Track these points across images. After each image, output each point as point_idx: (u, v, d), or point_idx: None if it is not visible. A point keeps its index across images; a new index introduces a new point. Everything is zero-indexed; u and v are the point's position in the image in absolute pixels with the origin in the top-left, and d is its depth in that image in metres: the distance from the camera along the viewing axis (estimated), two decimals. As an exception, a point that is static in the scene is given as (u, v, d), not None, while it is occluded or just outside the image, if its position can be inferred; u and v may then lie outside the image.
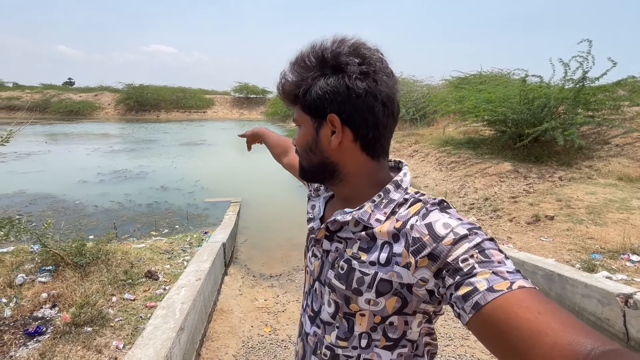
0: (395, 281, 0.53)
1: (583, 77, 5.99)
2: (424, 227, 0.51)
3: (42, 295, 2.18)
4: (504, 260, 0.46)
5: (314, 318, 0.66)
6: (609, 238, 3.06)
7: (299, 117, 0.61)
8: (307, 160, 0.63)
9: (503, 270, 0.44)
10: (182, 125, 23.19)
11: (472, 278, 0.44)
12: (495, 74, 11.65)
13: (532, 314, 0.38)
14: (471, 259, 0.46)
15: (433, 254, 0.49)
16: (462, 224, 0.50)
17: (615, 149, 6.05)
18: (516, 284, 0.42)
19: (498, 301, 0.41)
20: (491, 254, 0.46)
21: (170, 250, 3.35)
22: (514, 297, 0.41)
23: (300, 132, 0.62)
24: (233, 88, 34.90)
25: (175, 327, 1.76)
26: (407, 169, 0.63)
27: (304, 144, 0.62)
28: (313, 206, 0.72)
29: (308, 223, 0.70)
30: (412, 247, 0.51)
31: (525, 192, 5.12)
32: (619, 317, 1.86)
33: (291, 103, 0.62)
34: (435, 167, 7.61)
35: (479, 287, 0.43)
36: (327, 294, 0.62)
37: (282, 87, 0.61)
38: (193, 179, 7.79)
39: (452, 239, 0.48)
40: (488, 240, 0.48)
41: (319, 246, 0.65)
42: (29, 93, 30.86)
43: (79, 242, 2.57)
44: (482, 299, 0.42)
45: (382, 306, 0.55)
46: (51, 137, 15.65)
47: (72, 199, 6.11)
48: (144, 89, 30.84)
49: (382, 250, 0.54)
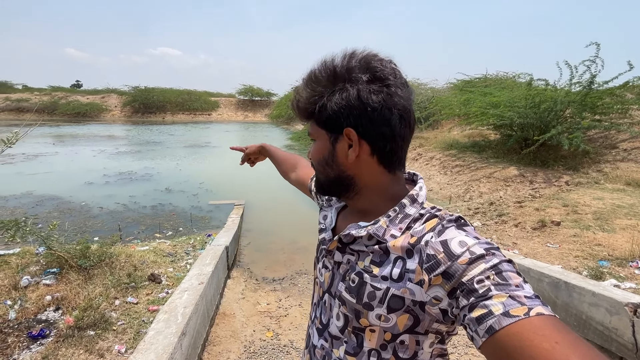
0: (408, 298, 0.51)
1: (591, 81, 5.92)
2: (439, 244, 0.50)
3: (46, 297, 2.20)
4: (522, 284, 0.44)
5: (322, 331, 0.65)
6: (617, 245, 3.01)
7: (314, 131, 0.62)
8: (323, 174, 0.63)
9: (521, 294, 0.42)
10: (187, 127, 23.36)
11: (487, 301, 0.43)
12: (500, 77, 11.59)
13: (549, 344, 0.37)
14: (487, 281, 0.44)
15: (447, 272, 0.48)
16: (479, 243, 0.49)
17: (623, 154, 5.96)
18: (534, 310, 0.41)
19: (514, 327, 0.39)
20: (509, 276, 0.45)
21: (173, 253, 3.36)
22: (531, 325, 0.39)
23: (316, 146, 0.62)
24: (238, 90, 35.12)
25: (177, 331, 1.76)
26: (422, 182, 0.62)
27: (320, 158, 0.62)
28: (325, 216, 0.72)
29: (320, 233, 0.70)
30: (426, 264, 0.50)
31: (531, 196, 5.06)
32: (627, 327, 1.82)
33: (306, 118, 0.62)
34: (440, 170, 7.57)
35: (494, 311, 0.42)
36: (336, 307, 0.61)
37: (297, 104, 0.61)
38: (197, 181, 7.83)
39: (467, 258, 0.47)
40: (506, 262, 0.47)
41: (330, 257, 0.64)
42: (37, 95, 31.29)
43: (83, 244, 2.58)
44: (497, 324, 0.41)
45: (393, 323, 0.53)
46: (58, 138, 15.84)
47: (78, 200, 6.17)
48: (150, 92, 31.14)
49: (395, 265, 0.54)
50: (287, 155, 1.12)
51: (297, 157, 1.09)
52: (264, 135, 19.59)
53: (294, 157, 1.10)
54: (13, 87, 34.15)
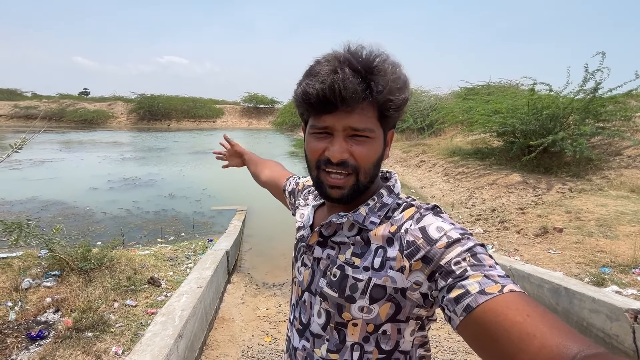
0: (390, 286, 0.52)
1: (595, 88, 5.92)
2: (417, 230, 0.52)
3: (46, 299, 2.22)
4: (494, 265, 0.47)
5: (302, 331, 0.64)
6: (619, 251, 2.98)
7: (372, 126, 0.54)
8: (370, 176, 0.58)
9: (494, 274, 0.45)
10: (192, 134, 23.58)
11: (464, 281, 0.45)
12: (503, 85, 11.61)
13: (521, 316, 0.39)
14: (464, 262, 0.46)
15: (427, 256, 0.49)
16: (455, 228, 0.51)
17: (627, 160, 5.92)
18: (507, 287, 0.43)
19: (489, 304, 0.41)
20: (483, 258, 0.47)
21: (174, 257, 3.38)
22: (505, 300, 0.41)
23: (372, 145, 0.55)
24: (242, 98, 35.49)
25: (173, 334, 1.77)
26: (396, 176, 0.64)
27: (376, 159, 0.57)
28: (302, 215, 0.72)
29: (298, 231, 0.70)
30: (407, 250, 0.51)
31: (533, 203, 5.02)
32: (628, 333, 1.80)
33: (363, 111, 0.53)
34: (443, 177, 7.55)
35: (470, 290, 0.43)
36: (317, 304, 0.61)
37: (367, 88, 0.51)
38: (201, 187, 7.88)
39: (445, 242, 0.49)
40: (479, 246, 0.49)
41: (309, 254, 0.64)
42: (46, 102, 31.88)
43: (84, 247, 2.61)
44: (474, 302, 0.42)
45: (375, 313, 0.54)
46: (65, 144, 16.07)
47: (82, 205, 6.23)
48: (156, 99, 31.58)
49: (376, 254, 0.55)
50: (260, 159, 1.14)
51: (270, 161, 1.11)
52: (267, 142, 19.71)
53: (267, 160, 1.12)
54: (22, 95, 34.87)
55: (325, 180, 0.57)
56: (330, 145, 0.54)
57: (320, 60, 0.54)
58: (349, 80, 0.49)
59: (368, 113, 0.53)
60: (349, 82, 0.49)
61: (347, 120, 0.52)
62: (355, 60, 0.51)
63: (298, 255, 0.69)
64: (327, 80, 0.50)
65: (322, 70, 0.51)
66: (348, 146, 0.54)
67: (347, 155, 0.54)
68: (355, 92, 0.50)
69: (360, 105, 0.52)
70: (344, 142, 0.54)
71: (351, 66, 0.51)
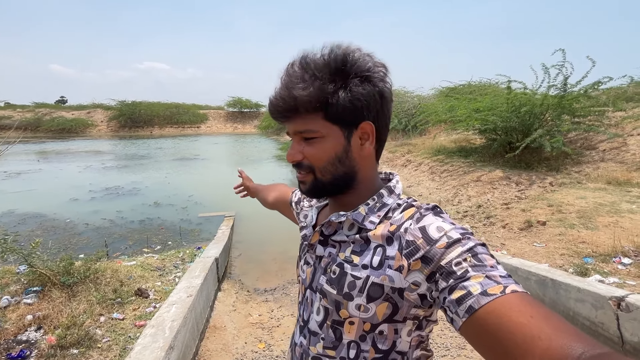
0: (387, 285, 0.52)
1: (564, 83, 6.15)
2: (417, 230, 0.52)
3: (27, 317, 2.12)
4: (496, 265, 0.46)
5: (302, 328, 0.65)
6: (600, 242, 3.09)
7: (319, 127, 0.56)
8: (331, 173, 0.58)
9: (496, 274, 0.44)
10: (176, 140, 23.17)
11: (465, 282, 0.44)
12: (483, 84, 11.90)
13: (525, 318, 0.38)
14: (464, 263, 0.46)
15: (426, 256, 0.49)
16: (455, 228, 0.50)
17: (603, 154, 6.16)
18: (509, 288, 0.42)
19: (492, 305, 0.41)
20: (484, 258, 0.47)
21: (161, 267, 3.30)
22: (507, 301, 0.41)
23: (323, 144, 0.57)
24: (227, 103, 35.17)
25: (164, 346, 1.72)
26: (398, 177, 0.65)
27: (332, 156, 0.57)
28: (305, 215, 0.74)
29: (301, 231, 0.72)
30: (406, 249, 0.51)
31: (517, 198, 5.16)
32: (612, 320, 1.86)
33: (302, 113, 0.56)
34: (429, 176, 7.67)
35: (472, 291, 0.43)
36: (317, 301, 0.62)
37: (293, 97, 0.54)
38: (186, 194, 7.73)
39: (445, 242, 0.48)
40: (480, 245, 0.49)
41: (312, 252, 0.65)
42: (20, 112, 30.70)
43: (66, 261, 2.51)
44: (476, 303, 0.42)
45: (372, 312, 0.54)
46: (42, 155, 15.51)
47: (63, 217, 6.01)
48: (137, 106, 30.91)
49: (375, 253, 0.55)
50: (265, 185, 1.17)
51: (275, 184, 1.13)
52: (253, 146, 19.56)
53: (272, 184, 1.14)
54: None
55: (297, 177, 0.62)
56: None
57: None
58: (281, 97, 0.55)
59: (310, 115, 0.55)
60: (280, 100, 0.55)
61: (292, 126, 0.58)
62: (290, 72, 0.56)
63: (302, 254, 0.70)
64: (272, 98, 0.57)
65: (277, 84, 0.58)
66: (301, 148, 0.58)
67: (300, 156, 0.58)
68: (286, 107, 0.55)
69: (298, 112, 0.55)
70: (297, 145, 0.58)
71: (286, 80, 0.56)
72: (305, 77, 0.54)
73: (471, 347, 2.27)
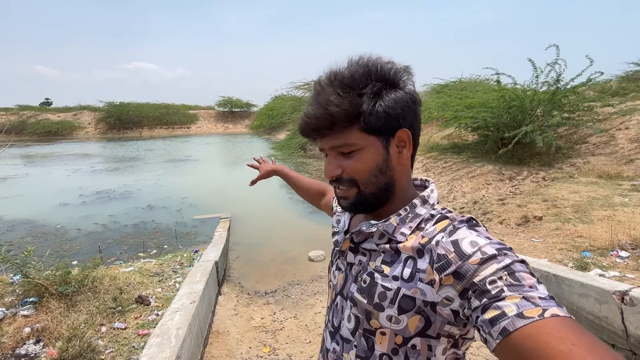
0: (419, 298, 0.51)
1: (557, 80, 6.25)
2: (449, 244, 0.50)
3: (24, 329, 2.05)
4: (535, 284, 0.44)
5: (334, 334, 0.64)
6: (596, 235, 3.14)
7: (356, 140, 0.55)
8: (375, 185, 0.57)
9: (535, 295, 0.42)
10: (166, 141, 22.84)
11: (500, 302, 0.42)
12: (474, 80, 12.02)
13: (565, 346, 0.36)
14: (500, 282, 0.44)
15: (458, 272, 0.47)
16: (491, 243, 0.48)
17: (593, 148, 6.28)
18: (549, 311, 0.40)
19: (528, 329, 0.39)
20: (522, 277, 0.44)
21: (160, 272, 3.24)
22: (546, 326, 0.38)
23: (363, 156, 0.56)
24: (217, 102, 34.77)
25: (171, 355, 1.68)
26: (434, 186, 0.63)
27: (374, 168, 0.56)
28: (338, 220, 0.73)
29: (333, 236, 0.72)
30: (437, 264, 0.50)
31: (512, 193, 5.23)
32: (616, 315, 1.89)
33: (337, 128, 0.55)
34: (423, 173, 7.71)
35: (507, 312, 0.41)
36: (348, 309, 0.61)
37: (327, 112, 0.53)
38: (180, 196, 7.63)
39: (479, 259, 0.47)
40: (519, 263, 0.46)
41: (343, 258, 0.65)
42: (3, 115, 29.83)
43: (63, 269, 2.44)
44: (511, 325, 0.40)
45: (404, 325, 0.53)
46: (28, 158, 15.11)
47: (53, 223, 5.87)
48: (125, 107, 30.31)
49: (406, 265, 0.54)
50: (310, 182, 1.13)
51: (322, 183, 1.09)
52: (246, 146, 19.41)
53: (318, 183, 1.11)
54: (-24, 108, 32.40)
55: (336, 193, 0.61)
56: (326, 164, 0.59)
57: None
58: (315, 116, 0.55)
59: (346, 130, 0.55)
60: (314, 118, 0.55)
61: (329, 142, 0.57)
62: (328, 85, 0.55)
63: (334, 259, 0.69)
64: (304, 117, 0.57)
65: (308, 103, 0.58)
66: (339, 162, 0.57)
67: (339, 171, 0.57)
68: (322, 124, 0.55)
69: (334, 128, 0.55)
70: (334, 160, 0.58)
71: (317, 98, 0.56)
72: (337, 93, 0.54)
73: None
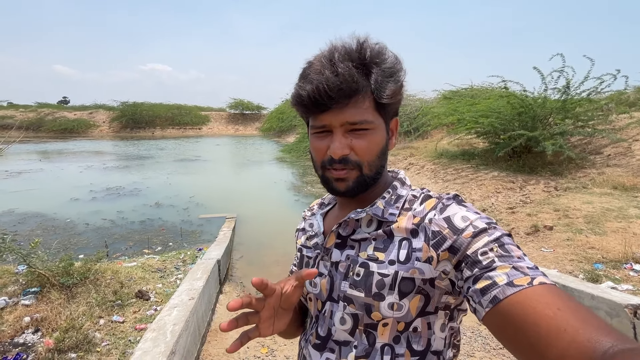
0: (418, 278, 0.51)
1: (567, 86, 6.13)
2: (442, 220, 0.51)
3: (24, 319, 2.07)
4: (523, 256, 0.45)
5: (322, 345, 0.59)
6: (609, 247, 3.03)
7: (374, 118, 0.54)
8: (375, 167, 0.57)
9: (523, 265, 0.43)
10: (177, 141, 23.17)
11: (491, 272, 0.44)
12: (485, 88, 11.88)
13: (551, 310, 0.38)
14: (491, 253, 0.45)
15: (453, 246, 0.48)
16: (481, 217, 0.50)
17: (607, 159, 6.11)
18: (537, 279, 0.41)
19: (517, 296, 0.40)
20: (511, 249, 0.46)
21: (162, 269, 3.25)
22: (534, 293, 0.40)
23: (375, 136, 0.55)
24: (228, 104, 35.19)
25: (165, 351, 1.66)
26: (403, 172, 0.65)
27: (380, 149, 0.56)
28: (311, 224, 0.69)
29: (309, 240, 0.67)
30: (432, 240, 0.51)
31: (522, 202, 5.10)
32: (628, 329, 1.80)
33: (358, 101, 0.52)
34: (431, 178, 7.62)
35: (498, 282, 0.42)
36: (339, 311, 0.58)
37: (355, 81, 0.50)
38: (187, 195, 7.69)
39: (471, 232, 0.48)
40: (507, 236, 0.48)
41: (327, 258, 0.61)
42: (22, 112, 30.76)
43: (66, 261, 2.46)
44: (501, 293, 0.41)
45: (406, 309, 0.53)
46: (44, 155, 15.49)
47: (63, 217, 5.97)
48: (139, 107, 30.93)
49: (401, 247, 0.53)
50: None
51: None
52: (255, 148, 19.54)
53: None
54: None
55: (331, 175, 0.57)
56: (331, 142, 0.54)
57: (311, 60, 0.55)
58: (334, 78, 0.50)
59: (363, 105, 0.52)
60: (333, 81, 0.50)
61: (342, 116, 0.52)
62: (341, 55, 0.52)
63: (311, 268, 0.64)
64: (314, 81, 0.51)
65: (311, 71, 0.52)
66: (348, 141, 0.54)
67: (348, 150, 0.54)
68: (342, 89, 0.50)
69: (352, 99, 0.51)
70: (343, 138, 0.54)
71: (337, 62, 0.51)
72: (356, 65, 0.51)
73: (480, 355, 2.21)
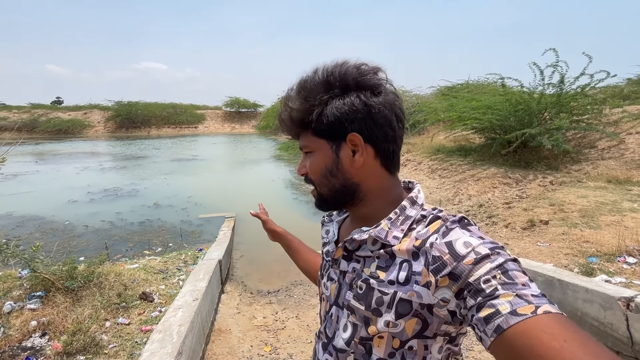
0: (415, 301, 0.51)
1: (561, 81, 6.18)
2: (444, 245, 0.50)
3: (31, 323, 2.09)
4: (528, 282, 0.44)
5: (327, 345, 0.64)
6: (604, 241, 3.09)
7: (310, 143, 0.60)
8: (327, 186, 0.61)
9: (527, 293, 0.43)
10: (174, 140, 23.07)
11: (494, 300, 0.43)
12: (482, 83, 11.92)
13: (557, 342, 0.37)
14: (493, 280, 0.44)
15: (454, 273, 0.48)
16: (484, 243, 0.49)
17: (602, 152, 6.19)
18: (541, 308, 0.41)
19: (521, 326, 0.39)
20: (515, 275, 0.45)
21: (164, 270, 3.27)
22: (539, 323, 0.39)
23: (315, 158, 0.60)
24: (224, 102, 35.00)
25: (173, 351, 1.70)
26: (419, 186, 0.63)
27: (322, 169, 0.60)
28: (327, 231, 0.72)
29: (323, 247, 0.70)
30: (432, 265, 0.50)
31: (518, 197, 5.17)
32: (621, 321, 1.86)
33: (299, 130, 0.61)
34: (428, 175, 7.67)
35: (501, 310, 0.42)
36: (344, 318, 0.60)
37: (289, 115, 0.60)
38: (186, 194, 7.70)
39: (473, 259, 0.47)
40: (511, 261, 0.47)
41: (336, 267, 0.64)
42: (16, 113, 30.41)
43: (69, 265, 2.48)
44: (505, 323, 0.41)
45: (401, 328, 0.53)
46: (39, 156, 15.37)
47: (62, 219, 5.97)
48: (134, 106, 30.70)
49: (401, 269, 0.53)
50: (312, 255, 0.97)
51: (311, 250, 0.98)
52: (252, 146, 19.51)
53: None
54: (-11, 106, 33.10)
55: None
56: None
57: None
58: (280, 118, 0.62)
59: (304, 132, 0.61)
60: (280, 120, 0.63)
61: (299, 142, 0.63)
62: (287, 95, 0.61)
63: (324, 271, 0.69)
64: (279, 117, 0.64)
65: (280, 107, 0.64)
66: (305, 162, 0.63)
67: (304, 170, 0.63)
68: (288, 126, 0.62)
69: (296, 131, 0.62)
70: (303, 159, 0.63)
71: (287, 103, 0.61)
72: (298, 97, 0.58)
73: (479, 349, 2.26)
